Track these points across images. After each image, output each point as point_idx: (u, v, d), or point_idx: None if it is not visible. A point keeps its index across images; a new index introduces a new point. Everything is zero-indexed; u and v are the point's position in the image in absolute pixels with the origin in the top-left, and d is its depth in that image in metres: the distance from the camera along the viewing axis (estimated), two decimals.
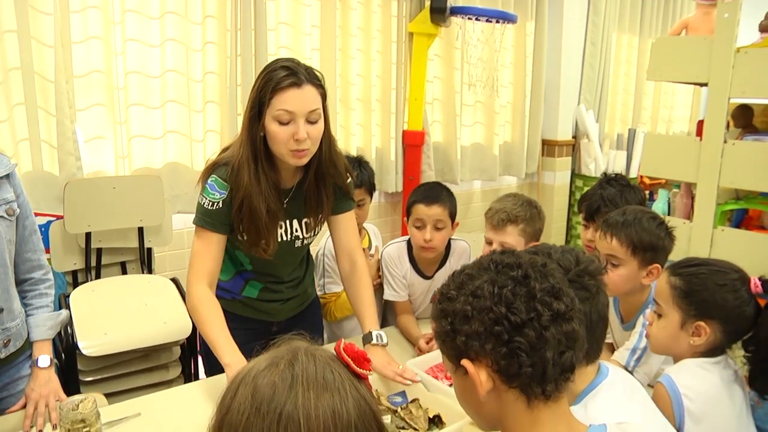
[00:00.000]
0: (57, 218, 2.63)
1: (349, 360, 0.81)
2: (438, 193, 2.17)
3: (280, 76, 1.56)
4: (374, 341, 1.73)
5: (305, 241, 1.85)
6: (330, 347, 0.85)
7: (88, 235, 2.65)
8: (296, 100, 1.55)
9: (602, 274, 1.20)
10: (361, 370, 0.81)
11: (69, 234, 2.61)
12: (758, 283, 1.42)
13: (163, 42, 2.84)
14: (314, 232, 1.86)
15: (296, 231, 1.81)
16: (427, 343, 1.99)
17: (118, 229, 2.70)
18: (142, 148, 2.89)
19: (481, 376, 0.88)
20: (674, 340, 1.47)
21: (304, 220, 1.80)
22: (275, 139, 1.59)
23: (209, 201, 1.67)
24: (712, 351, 1.45)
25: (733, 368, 1.46)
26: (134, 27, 2.77)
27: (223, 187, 1.66)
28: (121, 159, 2.80)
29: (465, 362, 0.89)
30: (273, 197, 1.67)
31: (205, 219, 1.68)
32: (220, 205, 1.66)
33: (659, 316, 1.50)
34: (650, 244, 1.74)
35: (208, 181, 1.68)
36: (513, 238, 2.06)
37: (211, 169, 1.69)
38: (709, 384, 1.40)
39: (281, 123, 1.57)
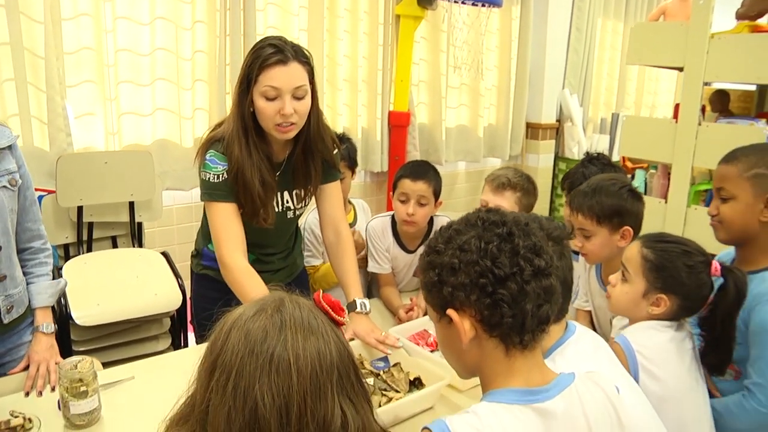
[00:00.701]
0: (48, 193, 2.67)
1: (328, 308, 0.89)
2: (425, 170, 2.24)
3: (267, 53, 1.61)
4: (358, 309, 1.80)
5: (297, 212, 1.91)
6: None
7: (80, 210, 2.69)
8: (282, 76, 1.60)
9: (567, 239, 1.27)
10: (338, 317, 0.90)
11: (61, 208, 2.66)
12: (718, 267, 1.49)
13: (152, 20, 2.87)
14: (304, 202, 1.92)
15: (287, 202, 1.86)
16: (407, 312, 2.09)
17: (110, 204, 2.74)
18: (131, 124, 2.93)
19: (465, 325, 0.94)
20: (635, 305, 1.54)
21: (295, 191, 1.86)
22: (262, 114, 1.64)
23: (213, 174, 1.71)
24: (665, 320, 1.53)
25: (687, 329, 1.55)
26: (124, 4, 2.80)
27: (222, 159, 1.71)
28: (111, 135, 2.85)
29: (450, 312, 0.95)
30: (266, 169, 1.72)
31: (215, 192, 1.72)
32: (225, 176, 1.71)
33: (624, 280, 1.57)
34: (614, 210, 1.82)
35: (207, 156, 1.72)
36: (509, 203, 2.15)
37: (207, 145, 1.74)
38: (660, 341, 1.49)
39: (268, 99, 1.62)
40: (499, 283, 0.91)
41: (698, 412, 1.50)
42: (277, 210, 1.84)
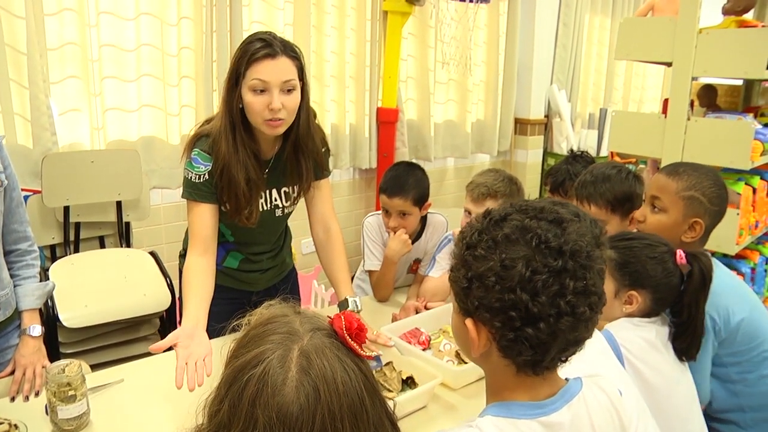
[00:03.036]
0: (33, 193, 2.63)
1: (355, 346, 0.80)
2: (402, 184, 2.19)
3: (256, 47, 1.60)
4: (350, 308, 1.78)
5: (285, 211, 1.89)
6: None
7: (66, 210, 2.66)
8: (271, 70, 1.59)
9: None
10: (366, 353, 0.81)
11: (47, 208, 2.62)
12: (683, 255, 1.51)
13: (137, 15, 2.83)
14: (294, 201, 1.90)
15: (276, 200, 1.85)
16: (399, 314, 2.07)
17: (97, 204, 2.71)
18: (117, 120, 2.90)
19: (480, 339, 0.87)
20: (609, 307, 1.53)
21: (284, 189, 1.85)
22: (251, 108, 1.62)
23: (195, 174, 1.70)
24: (644, 317, 1.54)
25: (669, 324, 1.56)
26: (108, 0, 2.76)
27: (206, 159, 1.69)
28: (96, 131, 2.81)
29: (468, 321, 0.88)
30: (253, 167, 1.70)
31: (194, 192, 1.72)
32: (206, 177, 1.70)
33: None
34: (625, 196, 1.84)
35: (192, 155, 1.71)
36: None
37: (194, 141, 1.72)
38: (644, 336, 1.50)
39: (256, 92, 1.61)
40: (529, 321, 0.82)
41: (686, 405, 1.51)
42: (265, 208, 1.83)
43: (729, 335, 1.65)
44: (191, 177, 1.71)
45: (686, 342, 1.52)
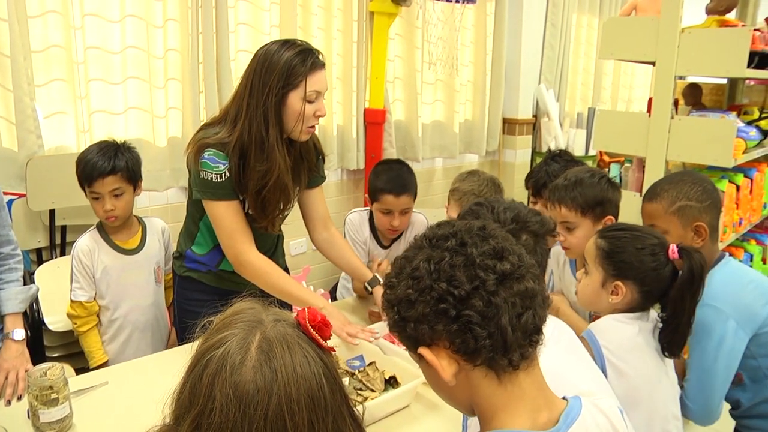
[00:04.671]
0: (18, 196, 2.62)
1: (317, 336, 0.81)
2: (405, 182, 2.25)
3: (311, 58, 1.68)
4: (381, 282, 1.91)
5: (285, 213, 1.95)
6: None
7: (52, 213, 2.65)
8: (323, 80, 1.71)
9: (550, 235, 1.25)
10: (328, 345, 0.83)
11: (32, 212, 2.61)
12: (675, 249, 1.52)
13: (123, 17, 2.82)
14: (292, 204, 1.96)
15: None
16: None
17: (82, 206, 2.69)
18: (103, 122, 2.88)
19: (441, 361, 0.83)
20: (597, 296, 1.57)
21: None
22: (299, 116, 1.70)
23: (216, 174, 1.73)
24: (631, 310, 1.55)
25: (654, 321, 1.57)
26: (92, 2, 2.75)
27: (223, 158, 1.73)
28: (82, 133, 2.80)
29: (422, 350, 0.84)
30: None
31: (218, 191, 1.75)
32: (227, 174, 1.73)
33: (585, 273, 1.61)
34: (596, 200, 1.86)
35: (206, 156, 1.72)
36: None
37: (203, 148, 1.74)
38: (626, 335, 1.50)
39: (309, 102, 1.69)
40: (461, 304, 0.80)
41: (666, 403, 1.52)
42: None
43: (759, 330, 1.66)
44: (212, 177, 1.73)
45: (668, 338, 1.53)
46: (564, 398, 0.91)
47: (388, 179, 2.26)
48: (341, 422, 0.79)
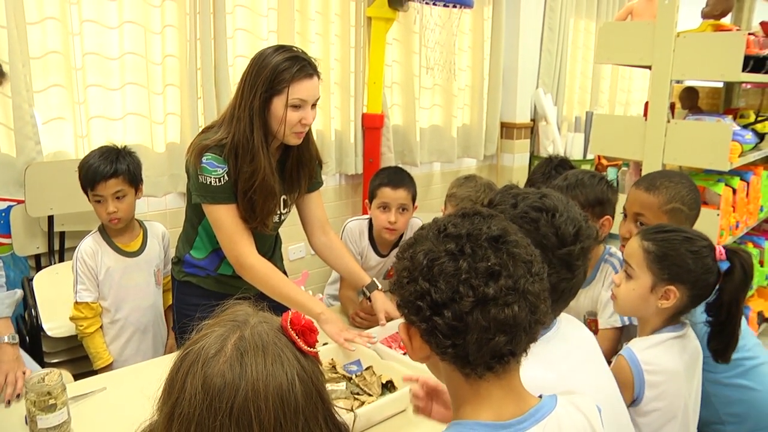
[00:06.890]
0: (17, 203, 2.63)
1: (297, 339, 0.82)
2: (403, 178, 2.28)
3: (297, 66, 1.69)
4: (379, 287, 1.94)
5: (282, 217, 1.97)
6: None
7: (50, 219, 2.65)
8: (310, 89, 1.72)
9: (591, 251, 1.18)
10: (310, 348, 0.83)
11: (31, 218, 2.62)
12: (722, 251, 1.47)
13: (121, 24, 2.83)
14: (289, 209, 1.98)
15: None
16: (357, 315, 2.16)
17: (81, 212, 2.70)
18: (101, 128, 2.89)
19: (414, 342, 0.87)
20: (644, 301, 1.50)
21: (283, 197, 1.91)
22: (287, 122, 1.72)
23: (215, 178, 1.75)
24: (675, 316, 1.52)
25: (694, 343, 1.53)
26: (91, 8, 2.76)
27: (221, 162, 1.75)
28: (81, 139, 2.80)
29: (401, 326, 0.89)
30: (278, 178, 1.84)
31: (218, 195, 1.77)
32: (226, 178, 1.76)
33: (629, 277, 1.53)
34: (596, 200, 1.87)
35: (204, 160, 1.75)
36: None
37: (202, 151, 1.76)
38: (670, 357, 1.46)
39: (293, 108, 1.71)
40: (433, 309, 0.81)
41: (696, 408, 1.51)
42: None
43: None
44: (211, 181, 1.75)
45: (723, 343, 1.49)
46: (540, 396, 0.91)
47: (387, 174, 2.32)
48: (314, 425, 0.79)
